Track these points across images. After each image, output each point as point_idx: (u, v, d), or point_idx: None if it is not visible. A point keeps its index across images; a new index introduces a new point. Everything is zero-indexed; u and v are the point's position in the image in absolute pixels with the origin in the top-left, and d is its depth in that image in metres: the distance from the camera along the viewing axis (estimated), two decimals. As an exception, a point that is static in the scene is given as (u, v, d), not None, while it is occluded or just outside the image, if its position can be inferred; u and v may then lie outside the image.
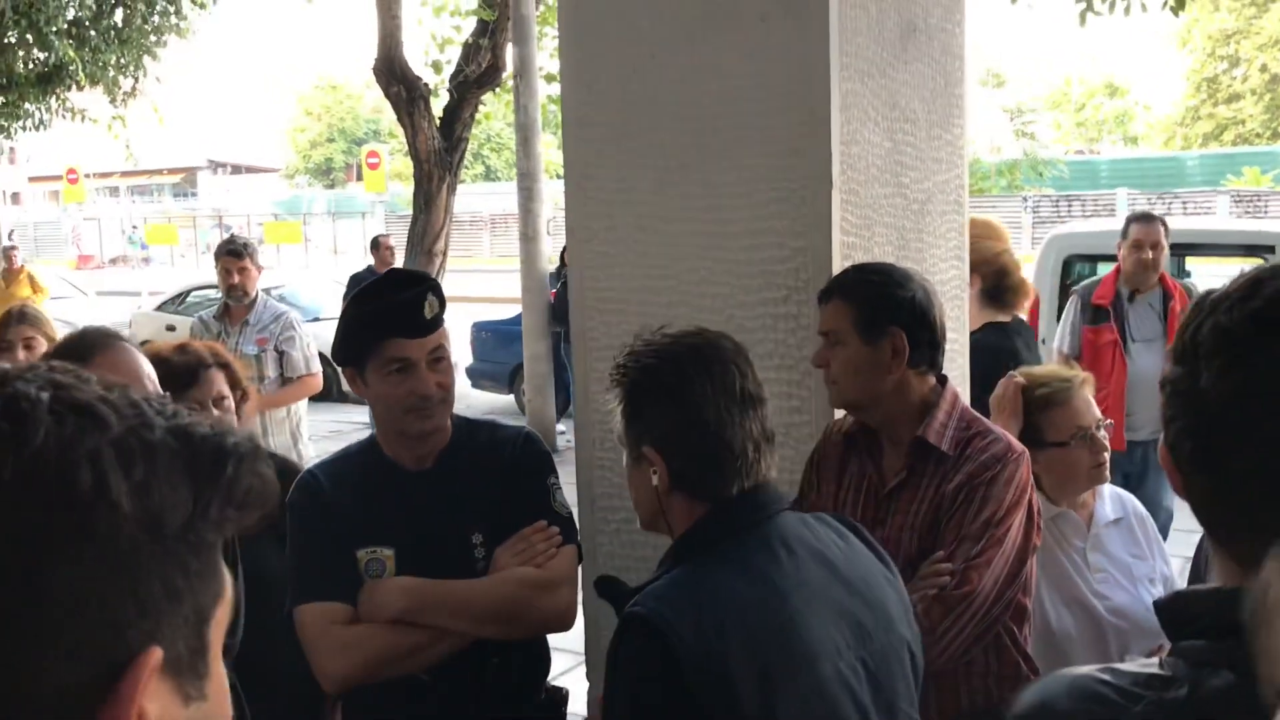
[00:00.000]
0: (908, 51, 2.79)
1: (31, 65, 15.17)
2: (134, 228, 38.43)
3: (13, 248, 13.55)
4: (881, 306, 2.21)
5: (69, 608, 0.61)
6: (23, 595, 0.60)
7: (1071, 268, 10.22)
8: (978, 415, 2.30)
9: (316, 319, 12.92)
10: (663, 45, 2.62)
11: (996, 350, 3.54)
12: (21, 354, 3.91)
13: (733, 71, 2.53)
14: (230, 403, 3.00)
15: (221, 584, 0.71)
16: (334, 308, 13.10)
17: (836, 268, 2.48)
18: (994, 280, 3.76)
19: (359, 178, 42.79)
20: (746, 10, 2.51)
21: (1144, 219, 5.35)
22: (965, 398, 2.53)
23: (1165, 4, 8.60)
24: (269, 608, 2.38)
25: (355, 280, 9.49)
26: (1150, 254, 5.19)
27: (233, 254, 5.47)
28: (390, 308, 2.15)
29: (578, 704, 2.55)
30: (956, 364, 3.11)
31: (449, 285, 11.49)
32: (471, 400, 11.42)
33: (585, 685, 2.87)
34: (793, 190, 2.50)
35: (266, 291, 5.86)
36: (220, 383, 3.01)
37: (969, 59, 3.14)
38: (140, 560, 0.64)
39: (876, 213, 2.68)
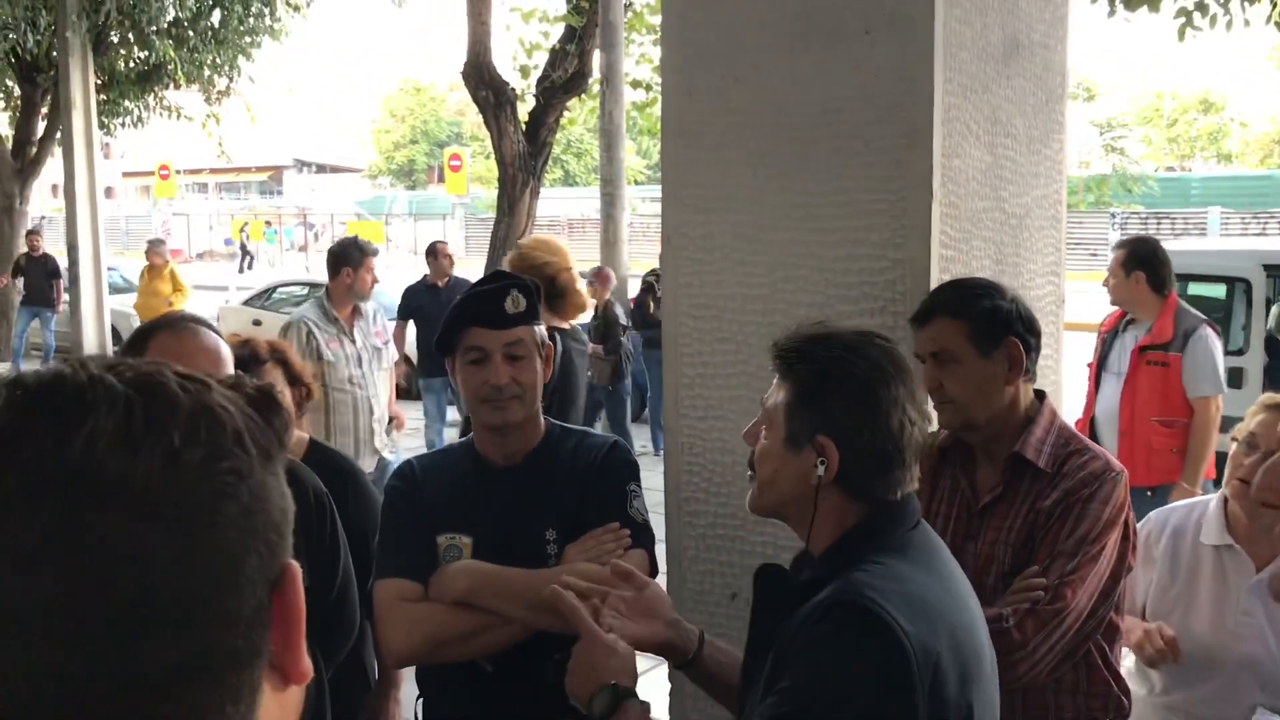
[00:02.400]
0: (1010, 67, 2.78)
1: (132, 64, 15.65)
2: (267, 223, 39.03)
3: (157, 243, 13.97)
4: (995, 318, 2.22)
5: (239, 541, 0.68)
6: (211, 537, 0.66)
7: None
8: (1076, 433, 2.29)
9: (393, 319, 13.15)
10: (765, 55, 2.64)
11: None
12: None
13: (835, 83, 2.54)
14: (282, 397, 3.10)
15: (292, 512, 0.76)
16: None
17: (934, 280, 2.48)
18: (546, 289, 3.95)
19: (440, 180, 43.38)
20: (850, 23, 2.52)
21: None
22: (1063, 413, 2.51)
23: (1270, 19, 8.41)
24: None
25: (409, 294, 9.11)
26: None
27: (373, 255, 6.00)
28: (475, 298, 2.28)
29: (659, 710, 2.57)
30: (1050, 379, 3.09)
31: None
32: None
33: (667, 686, 2.89)
34: (892, 202, 2.50)
35: None
36: (272, 377, 3.12)
37: (1070, 75, 3.12)
38: (266, 487, 0.71)
39: (975, 226, 2.67)
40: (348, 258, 5.95)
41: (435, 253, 9.44)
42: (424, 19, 52.94)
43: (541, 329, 2.37)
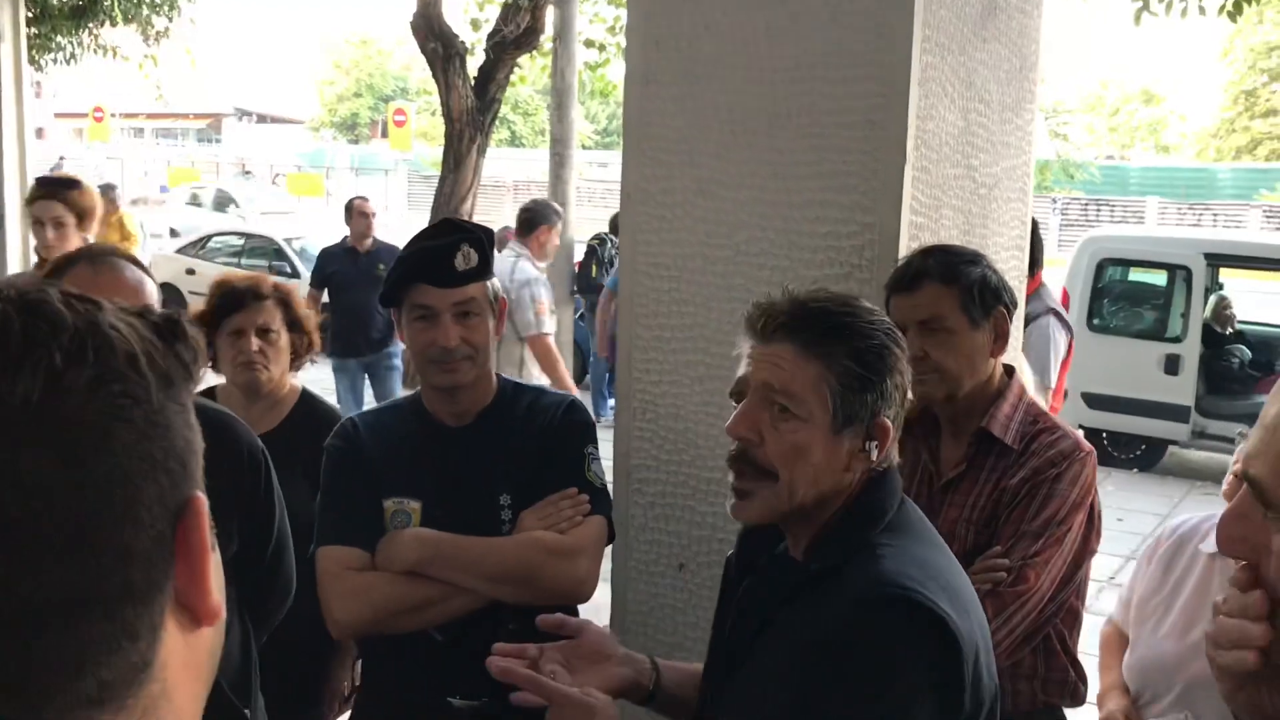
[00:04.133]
0: (987, 30, 2.68)
1: (66, -2, 15.08)
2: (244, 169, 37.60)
3: (110, 187, 13.43)
4: (985, 287, 2.14)
5: (135, 469, 0.63)
6: (105, 464, 0.62)
7: (1104, 271, 10.14)
8: (1044, 410, 2.22)
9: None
10: (738, 3, 2.51)
11: None
12: None
13: (810, 35, 2.43)
14: (277, 337, 2.98)
15: (201, 446, 0.71)
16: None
17: (903, 248, 2.39)
18: None
19: (384, 135, 42.69)
20: (829, -28, 2.41)
21: None
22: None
23: (1222, 8, 8.44)
24: (301, 549, 2.33)
25: (324, 257, 8.26)
26: None
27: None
28: (422, 253, 2.12)
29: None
30: (1009, 358, 3.02)
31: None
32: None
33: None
34: (864, 163, 2.40)
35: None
36: (270, 315, 2.99)
37: (1044, 44, 3.03)
38: (167, 414, 0.66)
39: (945, 194, 2.58)
40: (545, 217, 6.14)
41: (354, 210, 8.28)
42: (373, -30, 51.91)
43: (495, 283, 2.23)
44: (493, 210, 33.81)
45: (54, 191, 4.39)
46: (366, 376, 8.01)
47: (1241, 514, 0.93)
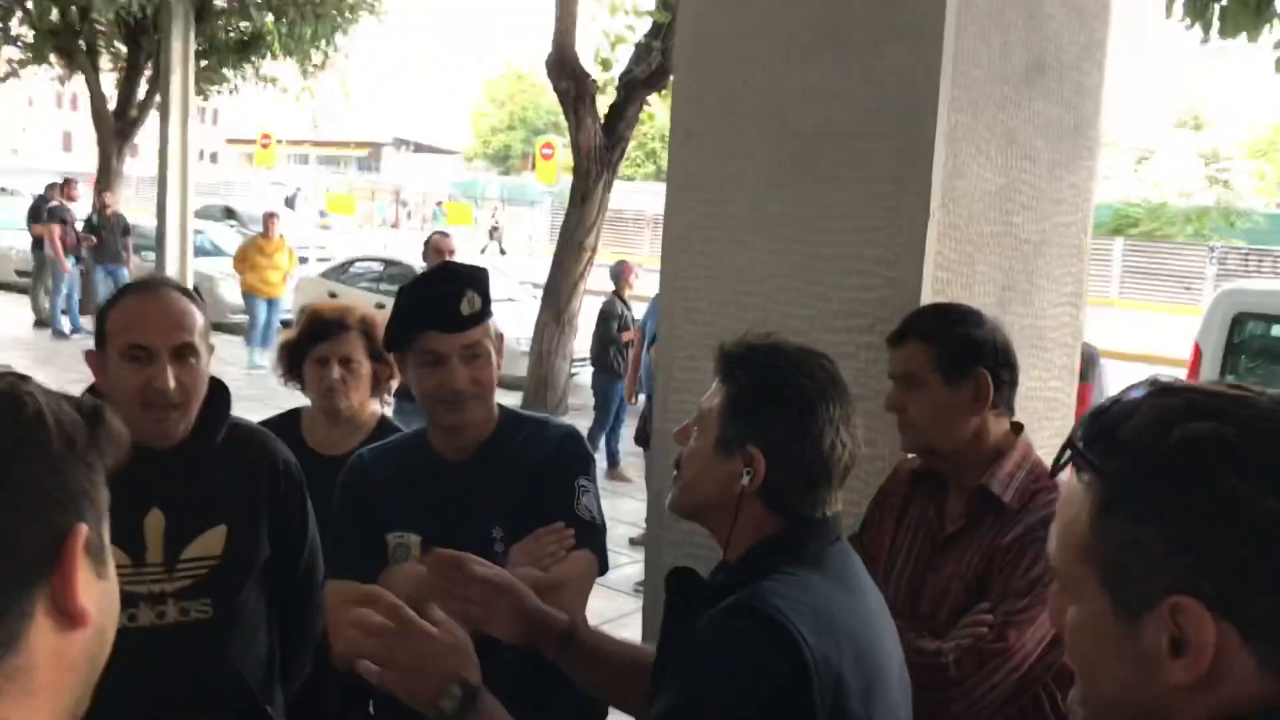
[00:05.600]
0: (1033, 88, 2.70)
1: (232, 33, 16.01)
2: (439, 204, 38.97)
3: (273, 215, 14.06)
4: (965, 346, 2.16)
5: (28, 494, 0.84)
6: (6, 482, 0.83)
7: (1242, 326, 9.71)
8: (1048, 470, 2.22)
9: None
10: (775, 62, 2.60)
11: None
12: None
13: (840, 94, 2.49)
14: (359, 366, 3.15)
15: (106, 503, 0.91)
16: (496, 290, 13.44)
17: (927, 301, 2.43)
18: None
19: (534, 167, 43.73)
20: (862, 34, 2.47)
21: None
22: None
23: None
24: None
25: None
26: None
27: None
28: (427, 300, 2.19)
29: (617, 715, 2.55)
30: (1059, 414, 3.00)
31: (598, 280, 11.55)
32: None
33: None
34: (889, 219, 2.45)
35: None
36: (353, 345, 3.16)
37: (1105, 101, 3.02)
38: (66, 464, 0.86)
39: (980, 250, 2.60)
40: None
41: (431, 247, 7.74)
42: (527, 4, 53.43)
43: (493, 320, 2.29)
44: (632, 243, 34.26)
45: None
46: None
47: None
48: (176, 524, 2.20)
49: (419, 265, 14.78)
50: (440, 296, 2.17)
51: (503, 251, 32.94)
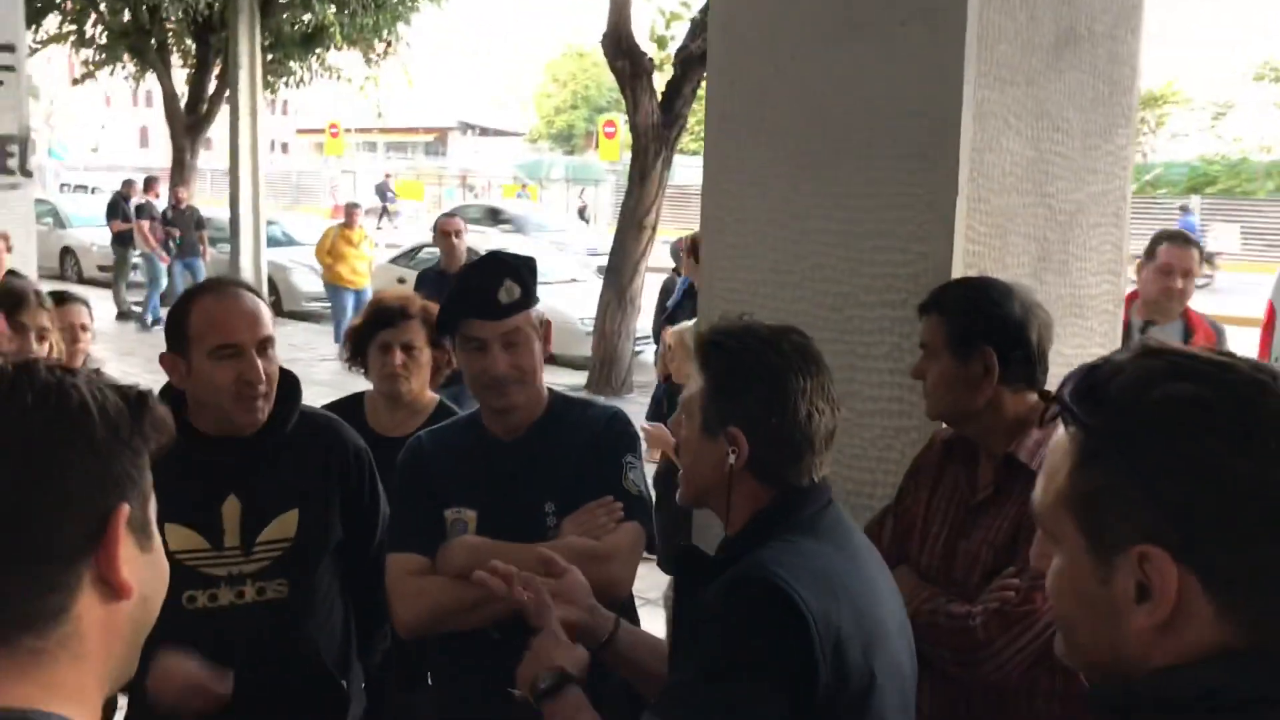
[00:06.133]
0: (1063, 59, 2.72)
1: (297, 26, 16.30)
2: (523, 188, 38.88)
3: (355, 205, 14.20)
4: (973, 323, 2.21)
5: (76, 477, 0.93)
6: (49, 470, 0.92)
7: (1318, 284, 9.48)
8: None
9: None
10: (805, 47, 2.66)
11: None
12: (33, 344, 3.10)
13: (868, 76, 2.55)
14: (419, 353, 3.29)
15: (150, 484, 1.00)
16: (556, 272, 13.56)
17: (959, 274, 2.48)
18: None
19: (597, 146, 43.81)
20: (887, 16, 2.52)
21: (1177, 239, 4.60)
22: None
23: None
24: None
25: (422, 279, 7.74)
26: (1180, 282, 4.44)
27: None
28: (468, 289, 2.33)
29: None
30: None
31: (659, 257, 11.59)
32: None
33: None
34: (919, 195, 2.50)
35: None
36: (414, 333, 3.31)
37: (1142, 66, 3.02)
38: (110, 449, 0.95)
39: (1012, 222, 2.64)
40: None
41: (437, 230, 7.58)
42: (589, -15, 53.37)
43: (539, 308, 2.38)
44: (693, 218, 34.18)
45: None
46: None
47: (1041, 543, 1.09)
48: (252, 509, 2.34)
49: (483, 248, 15.03)
50: (481, 286, 2.28)
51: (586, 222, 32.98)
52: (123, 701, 2.37)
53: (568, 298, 12.55)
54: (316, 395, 2.89)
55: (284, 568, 2.37)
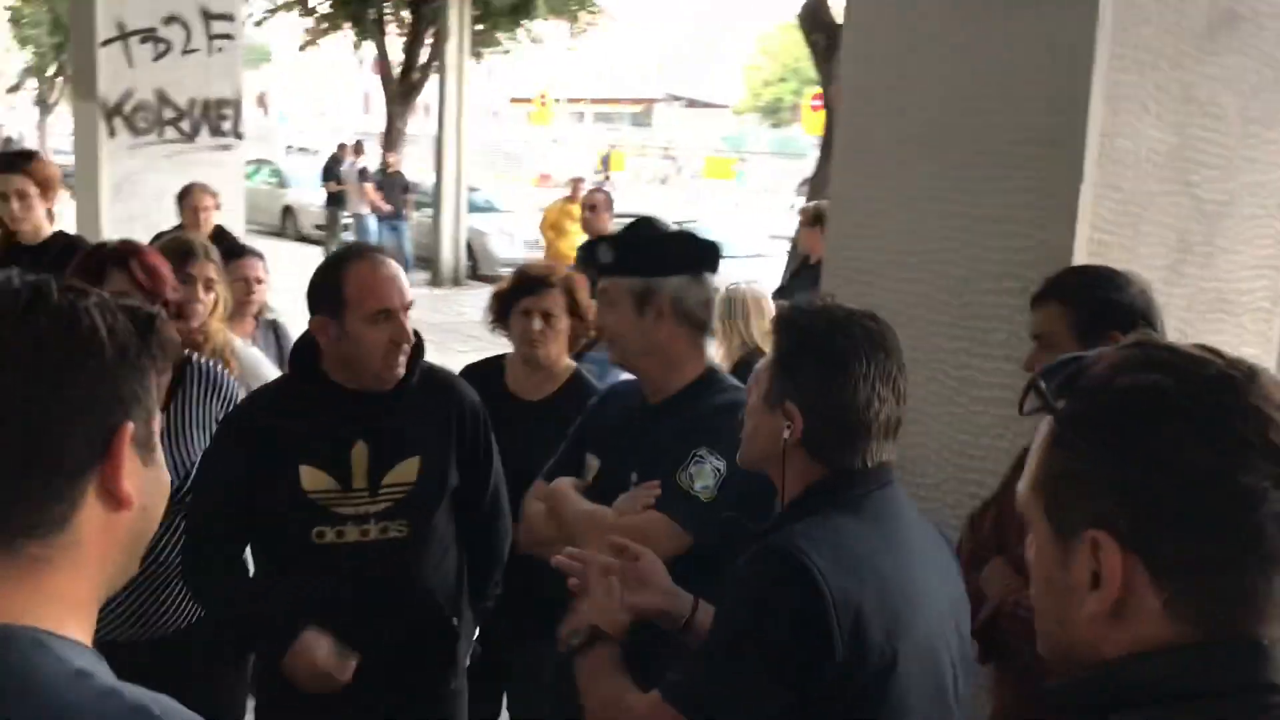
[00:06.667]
0: (1218, 43, 2.59)
1: (504, -2, 16.79)
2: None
3: (579, 179, 14.38)
4: (1101, 310, 2.15)
5: (84, 394, 0.97)
6: (59, 387, 0.96)
7: None
8: None
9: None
10: (938, 24, 2.62)
11: None
12: (200, 292, 3.37)
13: (997, 55, 2.49)
14: (558, 320, 3.41)
15: (155, 402, 1.05)
16: (743, 246, 13.56)
17: (1080, 262, 2.41)
18: None
19: (802, 119, 43.32)
20: (1022, -7, 2.46)
21: None
22: None
23: None
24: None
25: None
26: None
27: None
28: (582, 248, 2.47)
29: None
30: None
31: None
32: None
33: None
34: (1042, 181, 2.44)
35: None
36: (554, 301, 3.43)
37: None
38: (117, 370, 0.99)
39: (1147, 210, 2.55)
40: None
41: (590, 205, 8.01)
42: (803, -44, 52.57)
43: (652, 282, 2.37)
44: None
45: (13, 164, 4.33)
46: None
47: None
48: (377, 454, 2.51)
49: (673, 220, 15.09)
50: (586, 246, 2.41)
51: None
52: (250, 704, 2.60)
53: (752, 273, 12.58)
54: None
55: (405, 509, 2.54)
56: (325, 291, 2.48)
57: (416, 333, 2.59)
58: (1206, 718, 0.93)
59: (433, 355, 2.71)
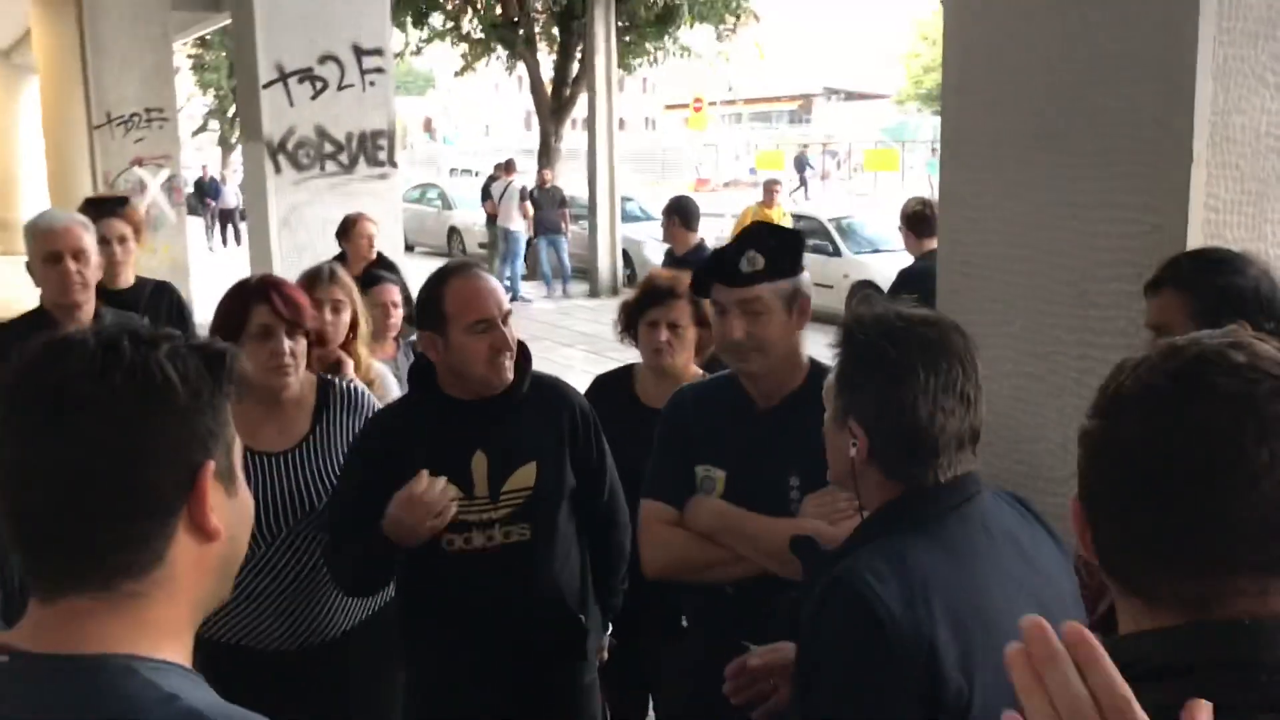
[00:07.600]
0: (1338, 6, 2.47)
1: (650, 8, 16.96)
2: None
3: (775, 182, 14.49)
4: (1223, 296, 2.07)
5: (165, 442, 1.04)
6: (141, 438, 1.03)
7: None
8: None
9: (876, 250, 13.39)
10: (1039, 11, 2.57)
11: None
12: (328, 315, 3.55)
13: (1101, 40, 2.43)
14: (684, 331, 3.47)
15: (233, 432, 1.12)
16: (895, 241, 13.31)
17: (1195, 246, 2.34)
18: None
19: (965, 105, 42.08)
20: (1120, -28, 2.40)
21: None
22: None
23: None
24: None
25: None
26: None
27: None
28: (716, 255, 2.46)
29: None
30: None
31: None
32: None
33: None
34: (1151, 164, 2.37)
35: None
36: (680, 312, 3.49)
37: None
38: (193, 412, 1.06)
39: (1270, 189, 2.44)
40: None
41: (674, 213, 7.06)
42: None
43: (795, 281, 2.42)
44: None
45: (113, 209, 4.65)
46: None
47: None
48: (497, 463, 2.62)
49: (824, 217, 14.96)
50: (729, 254, 2.40)
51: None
52: None
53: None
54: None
55: (526, 513, 2.63)
56: (428, 309, 2.60)
57: (522, 343, 2.69)
58: (1195, 694, 0.93)
59: (591, 364, 2.80)
